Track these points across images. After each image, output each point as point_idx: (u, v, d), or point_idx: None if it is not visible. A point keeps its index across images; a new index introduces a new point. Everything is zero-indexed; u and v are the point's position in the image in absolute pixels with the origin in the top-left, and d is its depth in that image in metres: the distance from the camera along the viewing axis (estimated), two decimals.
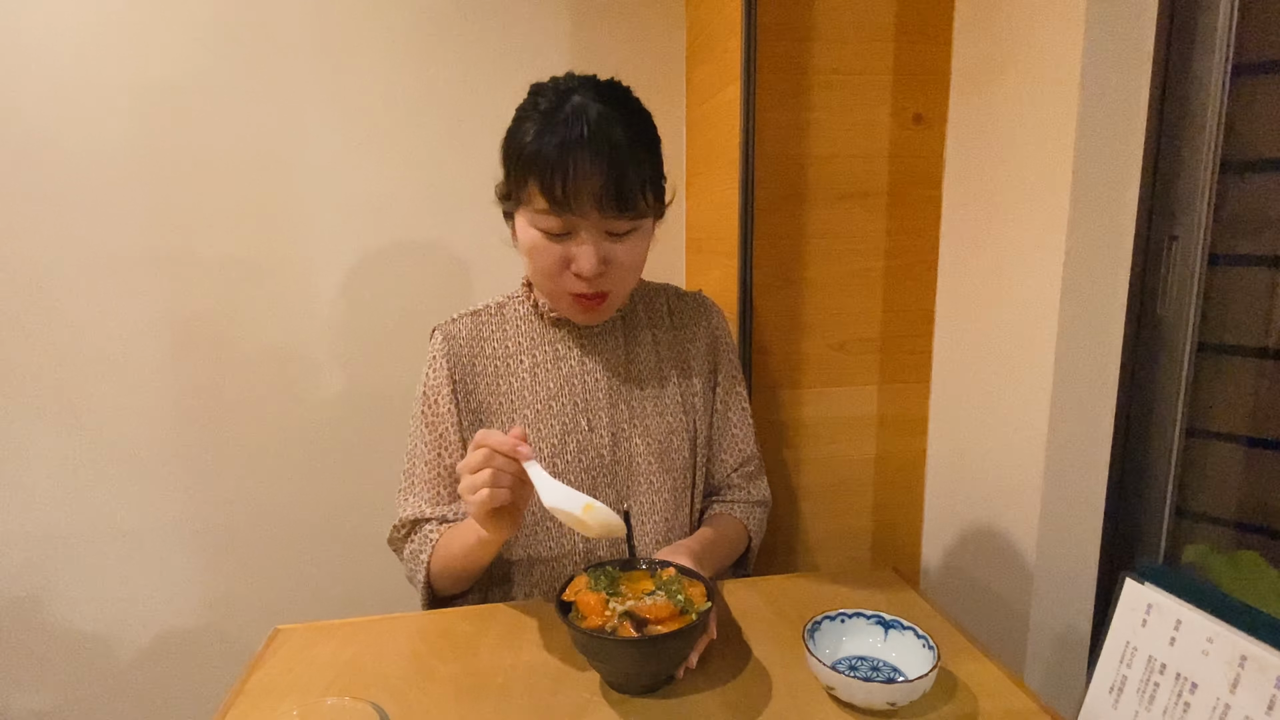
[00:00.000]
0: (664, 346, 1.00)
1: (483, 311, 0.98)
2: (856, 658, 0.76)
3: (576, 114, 0.79)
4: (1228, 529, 1.03)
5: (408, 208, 1.44)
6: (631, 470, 0.95)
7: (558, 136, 0.78)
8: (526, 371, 0.95)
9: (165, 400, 1.42)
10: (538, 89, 0.85)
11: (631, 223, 0.83)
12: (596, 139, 0.78)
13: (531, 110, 0.83)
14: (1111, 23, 0.94)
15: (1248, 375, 1.01)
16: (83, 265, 1.35)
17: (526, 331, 0.96)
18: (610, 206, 0.80)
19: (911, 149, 1.21)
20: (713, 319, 1.03)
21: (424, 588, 0.91)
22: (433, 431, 0.94)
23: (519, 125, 0.83)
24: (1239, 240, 0.98)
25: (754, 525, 1.03)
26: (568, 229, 0.82)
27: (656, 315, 1.01)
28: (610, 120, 0.79)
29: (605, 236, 0.83)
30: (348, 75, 1.38)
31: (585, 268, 0.82)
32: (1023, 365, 1.07)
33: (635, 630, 0.68)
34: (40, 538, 1.42)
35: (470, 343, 0.95)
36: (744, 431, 1.04)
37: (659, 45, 1.46)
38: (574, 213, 0.80)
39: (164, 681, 1.51)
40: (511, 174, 0.84)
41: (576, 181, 0.78)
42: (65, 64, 1.29)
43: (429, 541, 0.91)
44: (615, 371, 0.96)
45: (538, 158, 0.79)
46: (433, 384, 0.94)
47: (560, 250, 0.83)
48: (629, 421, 0.95)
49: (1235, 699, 0.51)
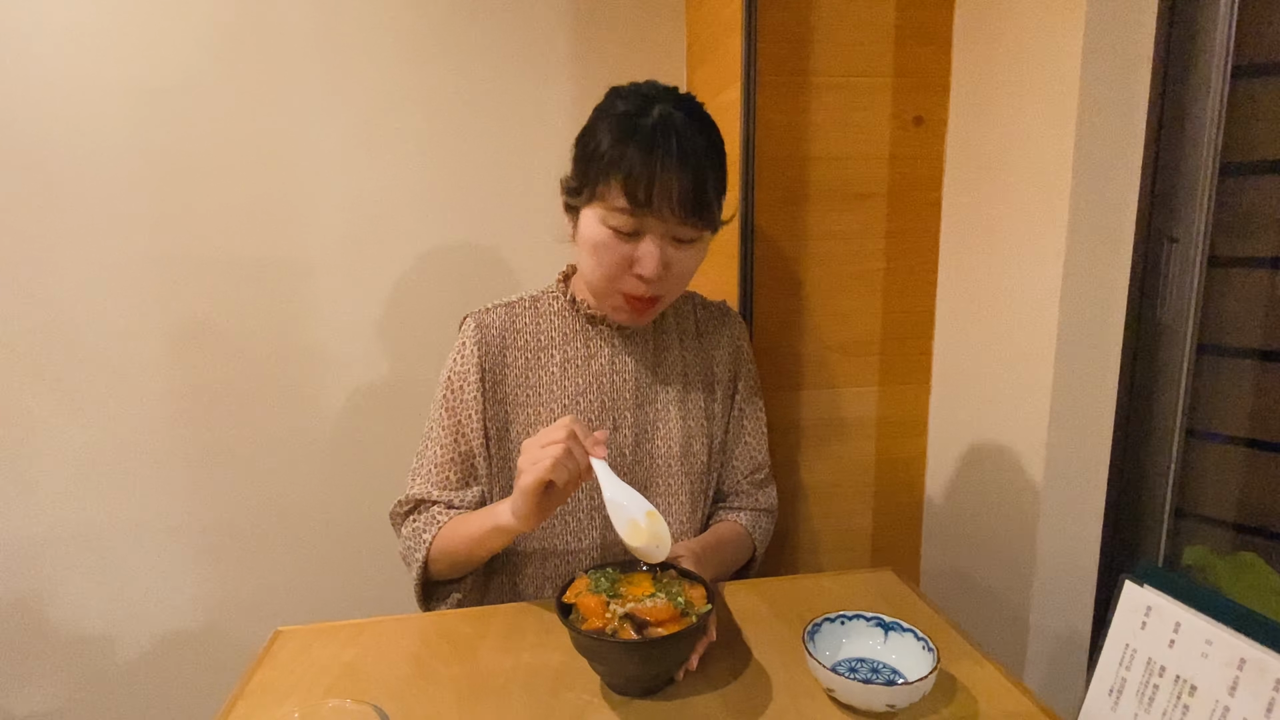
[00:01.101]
0: (690, 352, 1.01)
1: (516, 304, 0.98)
2: (856, 659, 0.76)
3: (664, 120, 0.81)
4: (1227, 531, 1.03)
5: (409, 208, 1.44)
6: (652, 472, 0.96)
7: (646, 140, 0.80)
8: (557, 366, 0.95)
9: (166, 400, 1.42)
10: (618, 92, 0.87)
11: (698, 231, 0.86)
12: (684, 146, 0.81)
13: (611, 111, 0.85)
14: (1111, 25, 0.94)
15: (1247, 377, 1.01)
16: (83, 265, 1.35)
17: (560, 326, 0.97)
18: (688, 212, 0.82)
19: (912, 151, 1.21)
20: (735, 329, 1.05)
21: (420, 567, 0.91)
22: (452, 417, 0.94)
23: (598, 124, 0.85)
24: (1238, 242, 0.98)
25: (759, 534, 1.04)
26: (638, 229, 0.83)
27: (684, 322, 1.02)
28: (693, 130, 0.83)
29: (671, 242, 0.85)
30: (349, 75, 1.38)
31: (649, 269, 0.83)
32: (1023, 367, 1.07)
33: (635, 632, 0.68)
34: (41, 538, 1.42)
35: (502, 333, 0.95)
36: (758, 439, 1.05)
37: (659, 46, 1.46)
38: (652, 214, 0.82)
39: (165, 682, 1.51)
40: (589, 170, 0.84)
41: (661, 185, 0.80)
42: (67, 64, 1.29)
43: (435, 522, 0.91)
44: (643, 373, 0.97)
45: (624, 157, 0.80)
46: (459, 370, 0.94)
47: (627, 250, 0.84)
48: (652, 423, 0.97)
49: (1234, 701, 0.51)
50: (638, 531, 0.74)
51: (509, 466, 0.95)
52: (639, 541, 0.74)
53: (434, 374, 0.98)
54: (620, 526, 0.75)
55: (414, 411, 1.49)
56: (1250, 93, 0.94)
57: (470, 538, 0.87)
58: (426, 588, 0.94)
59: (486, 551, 0.89)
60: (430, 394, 0.97)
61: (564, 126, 1.45)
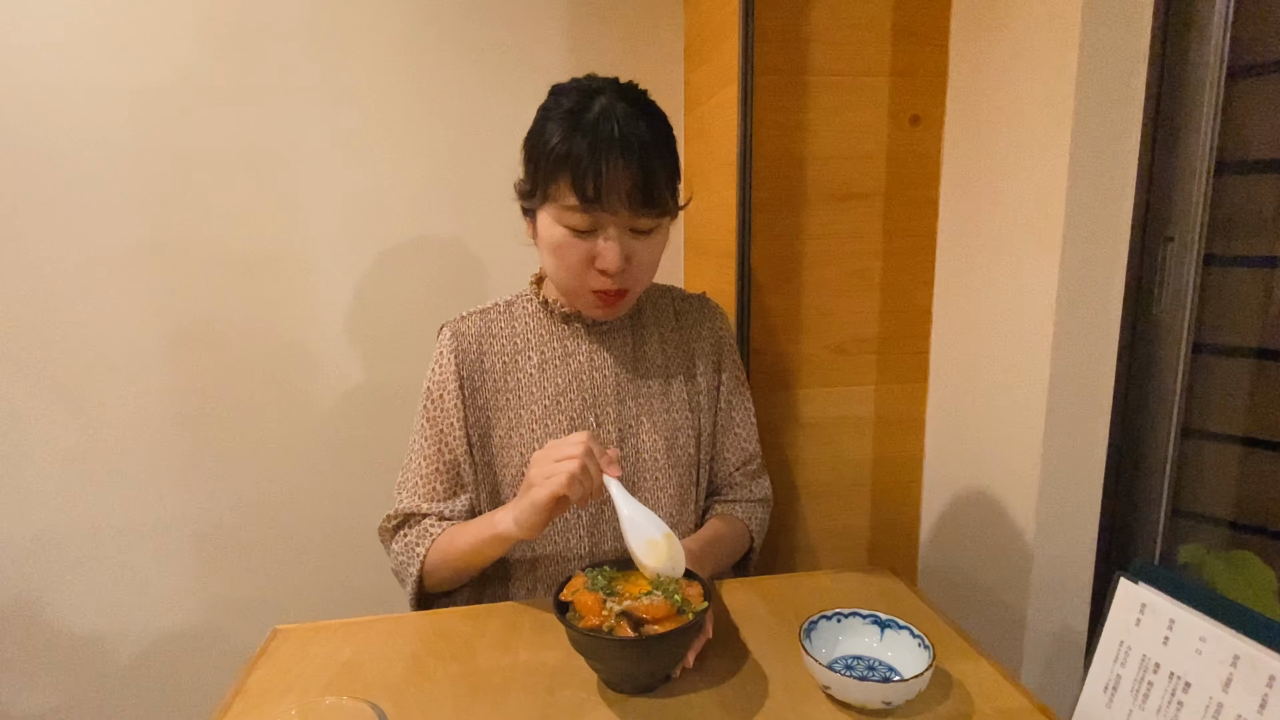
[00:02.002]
0: (670, 345, 1.00)
1: (491, 310, 0.98)
2: (853, 657, 0.76)
3: (605, 114, 0.81)
4: (1223, 529, 1.04)
5: (406, 206, 1.44)
6: (638, 466, 0.96)
7: (589, 136, 0.80)
8: (534, 367, 0.95)
9: (165, 400, 1.42)
10: (559, 89, 0.87)
11: (655, 220, 0.85)
12: (627, 138, 0.80)
13: (555, 110, 0.84)
14: (1107, 24, 0.94)
15: (1243, 375, 1.01)
16: (83, 264, 1.35)
17: (535, 328, 0.97)
18: (639, 204, 0.82)
19: (909, 150, 1.21)
20: (716, 320, 1.04)
21: (415, 582, 0.91)
22: (434, 427, 0.94)
23: (544, 124, 0.84)
24: (1235, 241, 0.98)
25: (755, 525, 1.04)
26: (594, 226, 0.83)
27: (663, 315, 1.02)
28: (637, 120, 0.82)
29: (629, 234, 0.85)
30: (346, 75, 1.38)
31: (611, 263, 0.83)
32: (1019, 365, 1.07)
33: (632, 630, 0.69)
34: (39, 537, 1.42)
35: (479, 340, 0.95)
36: (747, 430, 1.04)
37: (657, 46, 1.46)
38: (604, 210, 0.81)
39: (163, 681, 1.51)
40: (538, 172, 0.84)
41: (609, 180, 0.80)
42: (62, 63, 1.29)
43: (428, 535, 0.90)
44: (623, 368, 0.97)
45: (569, 156, 0.80)
46: (438, 380, 0.94)
47: (586, 247, 0.84)
48: (636, 418, 0.96)
49: (1228, 698, 0.51)
50: (656, 552, 0.73)
51: (493, 472, 0.95)
52: (656, 562, 0.73)
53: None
54: (636, 545, 0.74)
55: (411, 411, 1.49)
56: (1246, 92, 0.94)
57: (468, 547, 0.87)
58: (421, 601, 0.93)
59: (484, 560, 0.88)
60: None
61: None
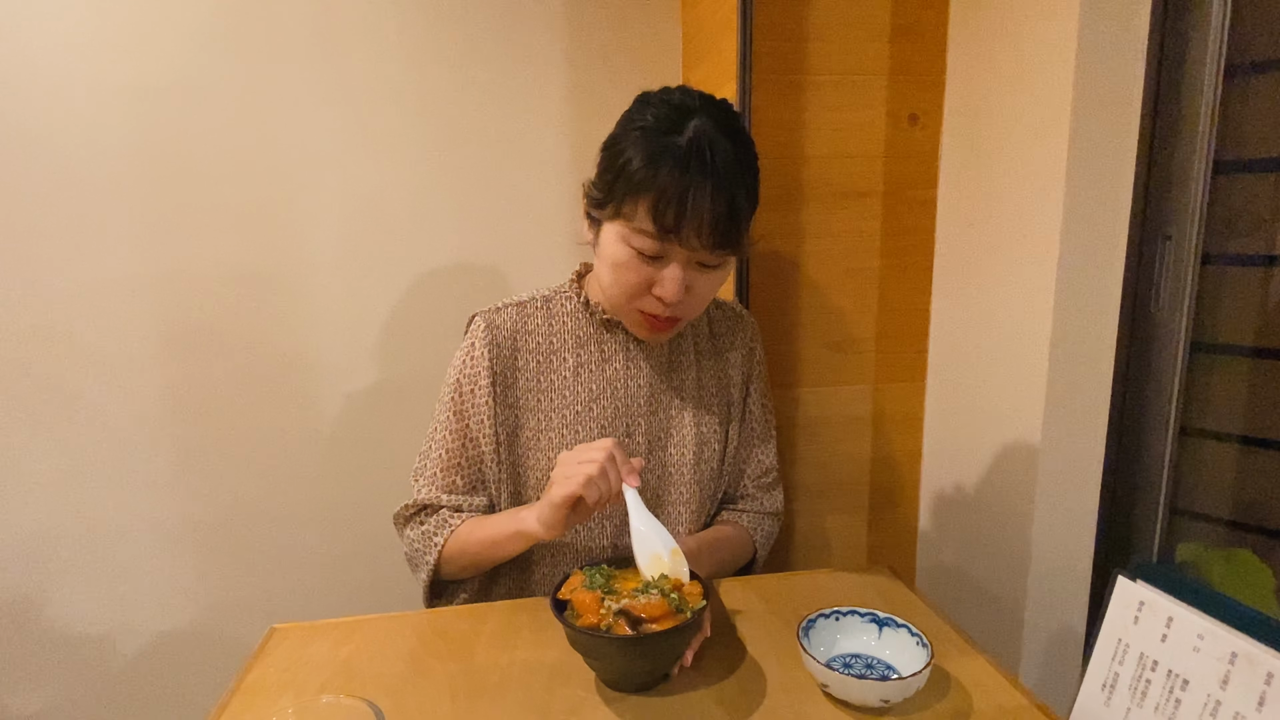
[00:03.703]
0: (705, 358, 0.99)
1: (528, 304, 0.94)
2: (851, 655, 0.76)
3: (698, 144, 0.77)
4: (1221, 527, 1.04)
5: (405, 208, 1.44)
6: (663, 480, 0.95)
7: (679, 165, 0.76)
8: (570, 370, 0.93)
9: (162, 401, 1.42)
10: (648, 99, 0.83)
11: (724, 258, 0.83)
12: (718, 173, 0.77)
13: (642, 122, 0.80)
14: (1105, 23, 0.94)
15: (1241, 374, 1.01)
16: (78, 265, 1.35)
17: (573, 329, 0.94)
18: (715, 244, 0.79)
19: (907, 149, 1.21)
20: (749, 332, 1.03)
21: (430, 569, 0.90)
22: (460, 421, 0.92)
23: (626, 136, 0.81)
24: (1232, 239, 0.98)
25: (761, 536, 1.03)
26: (662, 254, 0.81)
27: (698, 327, 1.00)
28: (730, 156, 0.78)
29: (695, 266, 0.82)
30: (343, 76, 1.37)
31: (670, 293, 0.81)
32: (1017, 364, 1.08)
33: (630, 628, 0.68)
34: (37, 538, 1.42)
35: (513, 334, 0.92)
36: (766, 443, 1.04)
37: (655, 44, 1.46)
38: (679, 243, 0.79)
39: (160, 680, 1.51)
40: (615, 185, 0.80)
41: (691, 216, 0.77)
42: (61, 64, 1.29)
43: (446, 525, 0.90)
44: (658, 379, 0.95)
45: (654, 183, 0.77)
46: (469, 372, 0.91)
47: (648, 271, 0.82)
48: (665, 431, 0.95)
49: (1226, 695, 0.51)
50: (659, 566, 0.73)
51: (518, 471, 0.93)
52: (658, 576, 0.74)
53: (429, 375, 0.97)
54: (641, 557, 0.74)
55: (409, 411, 1.49)
56: (1244, 90, 0.94)
57: (489, 540, 0.86)
58: (434, 587, 0.93)
59: (504, 555, 0.88)
60: (426, 394, 0.96)
61: (560, 126, 1.44)
